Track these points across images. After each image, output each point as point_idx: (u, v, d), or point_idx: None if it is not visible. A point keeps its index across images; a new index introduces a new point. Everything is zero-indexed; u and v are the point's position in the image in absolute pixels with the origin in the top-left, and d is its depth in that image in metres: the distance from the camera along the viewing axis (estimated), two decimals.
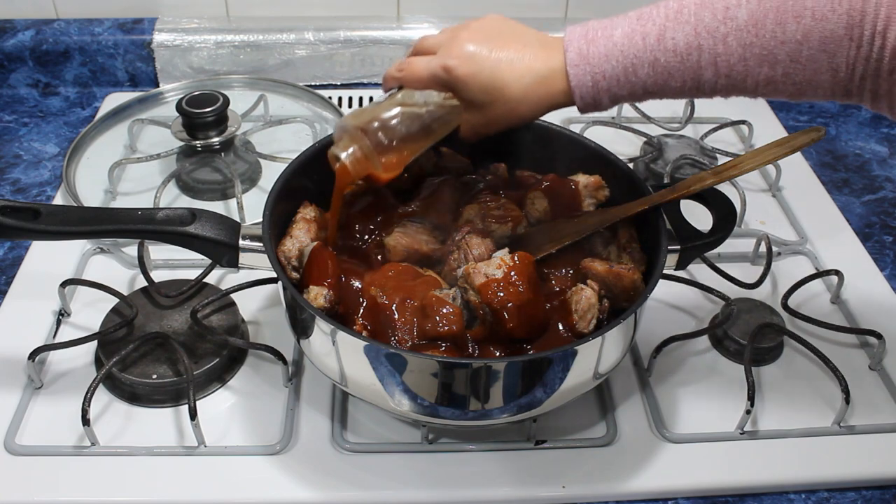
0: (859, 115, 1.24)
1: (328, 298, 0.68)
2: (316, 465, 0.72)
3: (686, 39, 0.62)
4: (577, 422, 0.76)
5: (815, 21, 0.58)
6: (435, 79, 0.69)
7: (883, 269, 0.95)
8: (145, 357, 0.78)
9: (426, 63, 0.70)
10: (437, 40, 0.71)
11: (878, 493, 0.73)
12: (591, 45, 0.65)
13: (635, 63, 0.64)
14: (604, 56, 0.65)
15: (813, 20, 0.58)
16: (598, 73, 0.65)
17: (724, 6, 0.61)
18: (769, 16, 0.60)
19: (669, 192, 0.74)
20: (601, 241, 0.76)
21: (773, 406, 0.79)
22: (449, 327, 0.67)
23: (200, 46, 1.22)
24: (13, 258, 0.92)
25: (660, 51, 0.63)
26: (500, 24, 0.70)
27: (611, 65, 0.65)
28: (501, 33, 0.69)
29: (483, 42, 0.68)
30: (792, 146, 0.73)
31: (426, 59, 0.70)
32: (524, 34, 0.70)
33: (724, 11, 0.61)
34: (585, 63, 0.65)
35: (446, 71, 0.68)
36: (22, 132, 1.14)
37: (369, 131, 0.70)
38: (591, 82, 0.65)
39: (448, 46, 0.69)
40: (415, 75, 0.70)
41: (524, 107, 0.68)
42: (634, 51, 0.64)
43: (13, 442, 0.72)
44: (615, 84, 0.65)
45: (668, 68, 0.63)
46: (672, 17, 0.63)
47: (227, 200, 1.01)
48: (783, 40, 0.60)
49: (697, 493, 0.72)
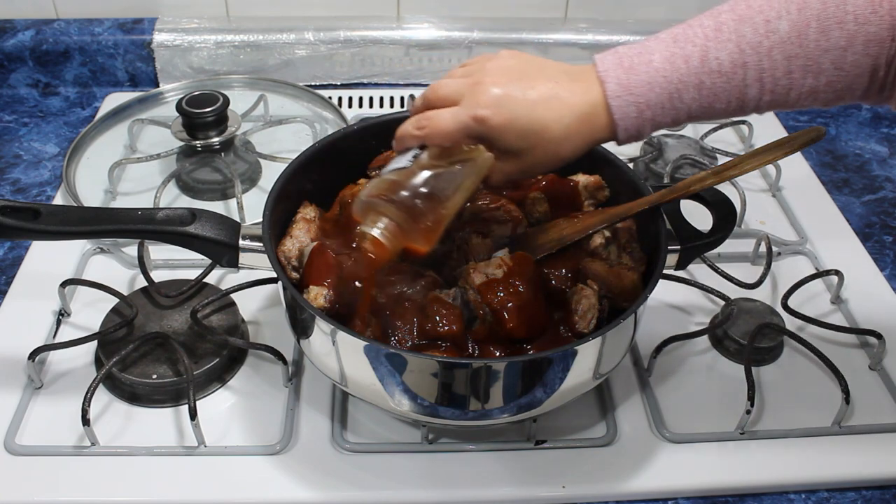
0: (859, 115, 1.24)
1: (328, 298, 0.68)
2: (316, 465, 0.72)
3: (731, 58, 0.60)
4: (577, 422, 0.76)
5: (857, 25, 0.57)
6: (466, 132, 0.63)
7: (883, 269, 0.95)
8: (145, 357, 0.78)
9: (452, 116, 0.63)
10: (454, 89, 0.64)
11: (878, 493, 0.73)
12: (630, 74, 0.61)
13: (680, 88, 0.61)
14: (646, 84, 0.61)
15: (856, 24, 0.57)
16: (641, 102, 0.61)
17: (764, 20, 0.59)
18: (811, 25, 0.58)
19: (669, 192, 0.74)
20: (601, 241, 0.76)
21: (773, 406, 0.79)
22: (449, 327, 0.67)
23: (200, 46, 1.22)
24: (13, 258, 0.93)
25: (704, 73, 0.60)
26: (519, 62, 0.65)
27: (654, 93, 0.61)
28: (525, 71, 0.64)
29: (510, 84, 0.62)
30: (792, 146, 0.73)
31: (450, 112, 0.63)
32: (546, 67, 0.65)
33: (765, 25, 0.59)
34: (628, 94, 0.61)
35: (479, 122, 0.62)
36: (22, 132, 1.14)
37: (398, 201, 0.63)
38: (636, 113, 0.62)
39: (473, 95, 0.63)
40: (441, 131, 0.64)
41: (566, 148, 0.63)
42: (678, 75, 0.60)
43: (13, 442, 0.72)
44: (659, 112, 0.62)
45: (714, 90, 0.61)
46: (712, 36, 0.60)
47: (227, 200, 1.01)
48: (827, 48, 0.58)
49: (697, 493, 0.72)
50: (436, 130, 0.64)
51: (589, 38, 1.24)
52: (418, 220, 0.64)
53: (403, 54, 1.24)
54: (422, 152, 0.65)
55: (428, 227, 0.64)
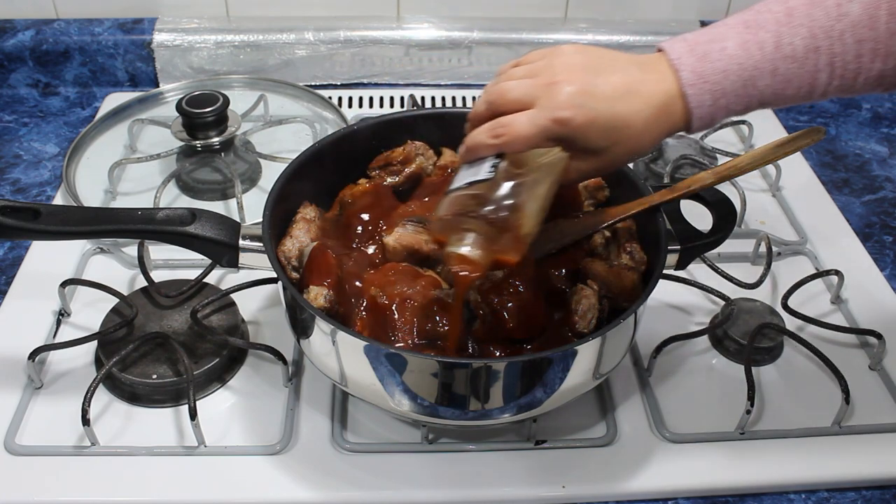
0: (859, 115, 1.24)
1: (328, 298, 0.68)
2: (316, 465, 0.72)
3: (804, 43, 0.59)
4: (577, 422, 0.76)
5: None
6: (547, 135, 0.60)
7: (883, 269, 0.95)
8: (145, 357, 0.78)
9: (529, 121, 0.60)
10: (525, 91, 0.61)
11: (878, 493, 0.73)
12: (704, 62, 0.60)
13: (754, 75, 0.60)
14: (721, 72, 0.60)
15: None
16: (717, 90, 0.61)
17: (835, 3, 0.58)
18: (882, 7, 0.57)
19: (669, 192, 0.74)
20: (601, 241, 0.76)
21: (773, 406, 0.79)
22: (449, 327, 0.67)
23: (200, 46, 1.22)
24: (13, 258, 0.93)
25: (779, 58, 0.60)
26: (587, 56, 0.63)
27: (729, 80, 0.60)
28: (596, 67, 0.62)
29: (586, 81, 0.60)
30: (792, 146, 0.73)
31: (527, 116, 0.60)
32: (616, 60, 0.63)
33: (836, 8, 0.58)
34: (702, 82, 0.61)
35: (561, 124, 0.60)
36: (22, 132, 1.14)
37: (484, 216, 0.61)
38: (711, 101, 0.61)
39: (549, 96, 0.60)
40: (521, 138, 0.60)
41: (646, 141, 0.63)
42: (753, 62, 0.60)
43: (13, 442, 0.72)
44: (733, 100, 0.61)
45: (787, 76, 0.60)
46: (784, 21, 0.60)
47: (227, 200, 1.01)
48: None
49: (697, 493, 0.72)
50: (515, 137, 0.61)
51: (589, 38, 1.24)
52: (507, 231, 0.61)
53: (403, 54, 1.24)
54: (500, 161, 0.62)
55: (518, 237, 0.62)
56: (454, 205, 0.62)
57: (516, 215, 0.62)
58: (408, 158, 0.83)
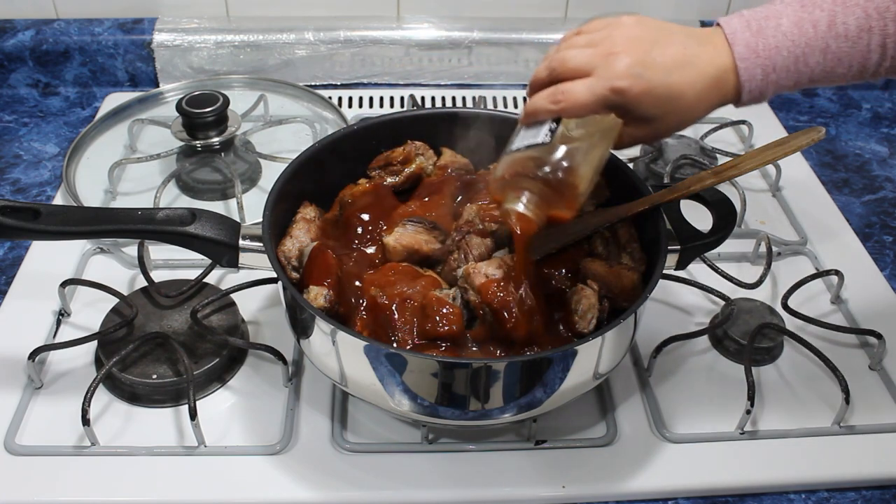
0: (859, 114, 1.24)
1: (328, 298, 0.68)
2: (316, 465, 0.72)
3: (857, 23, 0.61)
4: (577, 422, 0.76)
5: None
6: (604, 103, 0.63)
7: (883, 269, 0.95)
8: (145, 357, 0.78)
9: (588, 89, 0.63)
10: (585, 60, 0.64)
11: (878, 493, 0.73)
12: (759, 37, 0.63)
13: (806, 52, 0.62)
14: (774, 48, 0.63)
15: None
16: (768, 65, 0.63)
17: None
18: None
19: (669, 192, 0.74)
20: (601, 241, 0.76)
21: (773, 406, 0.79)
22: (449, 327, 0.67)
23: (200, 46, 1.22)
24: (13, 258, 0.93)
25: (831, 37, 0.62)
26: (645, 28, 0.65)
27: (782, 56, 0.63)
28: (655, 39, 0.64)
29: (644, 53, 0.63)
30: (792, 146, 0.73)
31: (585, 84, 0.63)
32: (673, 32, 0.65)
33: None
34: (755, 56, 0.63)
35: (618, 93, 0.62)
36: (22, 132, 1.14)
37: (541, 178, 0.65)
38: (762, 75, 0.63)
39: (607, 66, 0.62)
40: (579, 104, 0.63)
41: (698, 112, 0.65)
42: (805, 39, 0.62)
43: (13, 442, 0.72)
44: (784, 75, 0.64)
45: (839, 54, 0.62)
46: (840, 1, 0.62)
47: (227, 200, 1.01)
48: None
49: (697, 493, 0.72)
50: (573, 104, 0.63)
51: None
52: (564, 192, 0.65)
53: (403, 54, 1.24)
54: (557, 126, 0.65)
55: (571, 196, 0.66)
56: (513, 165, 0.66)
57: (571, 177, 0.65)
58: (408, 158, 0.83)
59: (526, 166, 0.65)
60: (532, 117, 0.66)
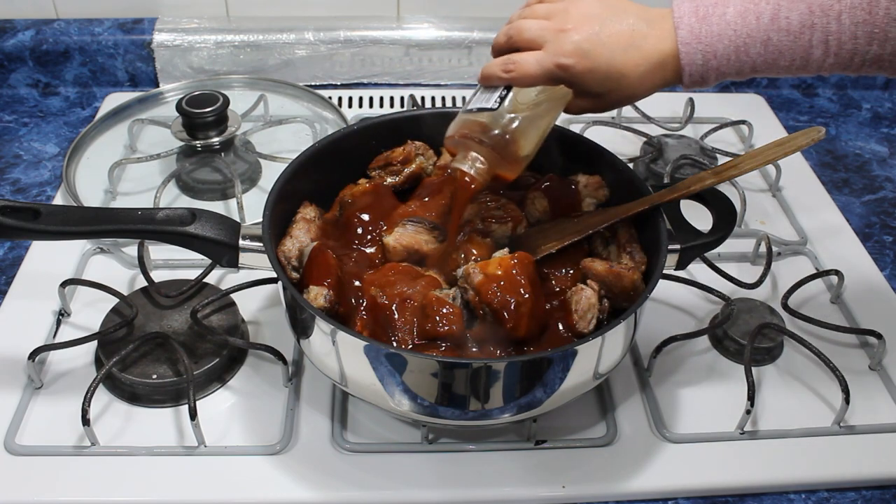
0: (859, 115, 1.24)
1: (328, 298, 0.68)
2: (316, 465, 0.72)
3: (800, 18, 0.62)
4: (577, 422, 0.76)
5: None
6: (549, 77, 0.67)
7: (883, 269, 0.95)
8: (145, 357, 0.78)
9: (537, 61, 0.67)
10: (537, 34, 0.68)
11: (878, 493, 0.73)
12: (703, 24, 0.65)
13: (747, 42, 0.64)
14: (716, 35, 0.65)
15: None
16: (709, 52, 0.65)
17: None
18: None
19: (669, 192, 0.74)
20: (601, 241, 0.76)
21: (773, 406, 0.79)
22: (449, 327, 0.67)
23: (200, 46, 1.22)
24: (13, 258, 0.93)
25: (773, 30, 0.63)
26: (601, 7, 0.68)
27: (723, 44, 0.65)
28: (606, 19, 0.67)
29: (591, 32, 0.66)
30: (792, 146, 0.73)
31: (535, 56, 0.67)
32: (627, 13, 0.68)
33: None
34: (697, 42, 0.65)
35: (563, 69, 0.67)
36: (22, 132, 1.14)
37: (488, 142, 0.69)
38: (702, 61, 0.66)
39: (556, 42, 0.67)
40: (527, 76, 0.68)
41: (640, 92, 0.69)
42: (747, 30, 0.64)
43: (13, 442, 0.72)
44: (725, 63, 0.65)
45: (780, 47, 0.64)
46: None
47: (227, 200, 1.01)
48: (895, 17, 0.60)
49: (697, 493, 0.72)
50: (522, 75, 0.68)
51: None
52: (507, 155, 0.70)
53: (403, 54, 1.24)
54: (508, 92, 0.70)
55: (514, 159, 0.71)
56: (463, 126, 0.71)
57: (514, 143, 0.70)
58: (408, 158, 0.83)
59: (473, 129, 0.70)
60: (486, 81, 0.71)
